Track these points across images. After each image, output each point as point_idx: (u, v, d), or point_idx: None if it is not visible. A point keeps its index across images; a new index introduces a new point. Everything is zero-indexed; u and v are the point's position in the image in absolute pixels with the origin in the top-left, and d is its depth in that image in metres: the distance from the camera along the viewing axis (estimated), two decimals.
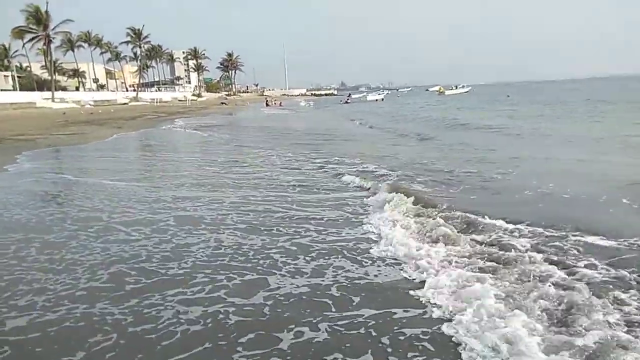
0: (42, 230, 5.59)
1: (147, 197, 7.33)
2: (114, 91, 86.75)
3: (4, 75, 77.92)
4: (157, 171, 10.25)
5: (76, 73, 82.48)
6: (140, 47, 79.91)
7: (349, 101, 70.17)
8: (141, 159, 12.21)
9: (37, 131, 19.92)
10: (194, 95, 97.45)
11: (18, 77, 75.85)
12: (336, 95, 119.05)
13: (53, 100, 52.86)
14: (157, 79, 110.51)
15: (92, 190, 7.95)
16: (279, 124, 27.10)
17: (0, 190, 8.14)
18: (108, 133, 19.51)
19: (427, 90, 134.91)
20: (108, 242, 5.13)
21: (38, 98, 52.67)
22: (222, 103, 71.09)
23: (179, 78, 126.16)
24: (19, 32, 51.87)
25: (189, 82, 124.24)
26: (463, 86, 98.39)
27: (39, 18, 50.52)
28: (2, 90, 68.87)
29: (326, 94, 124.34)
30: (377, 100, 72.71)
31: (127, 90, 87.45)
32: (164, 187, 8.08)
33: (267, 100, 73.21)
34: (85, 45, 77.81)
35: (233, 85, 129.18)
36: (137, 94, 76.00)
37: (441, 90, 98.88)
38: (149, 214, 6.30)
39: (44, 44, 53.16)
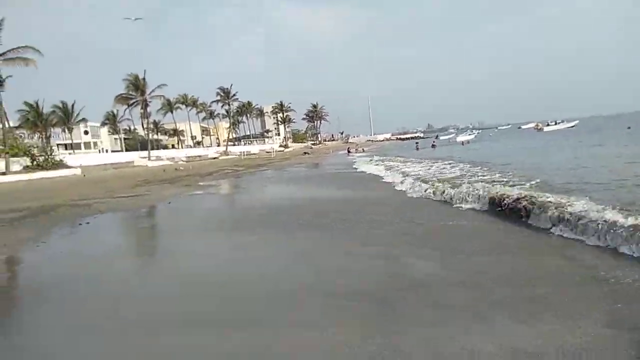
0: None
1: None
2: (209, 147, 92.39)
3: (114, 138, 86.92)
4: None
5: (175, 132, 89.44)
6: (229, 105, 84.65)
7: (435, 144, 63.81)
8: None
9: (108, 193, 20.17)
10: (281, 146, 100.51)
11: (125, 138, 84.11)
12: (422, 137, 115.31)
13: (149, 159, 56.63)
14: (248, 133, 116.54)
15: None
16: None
17: None
18: (170, 194, 19.05)
19: (519, 127, 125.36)
20: None
21: (136, 157, 56.87)
22: (305, 153, 71.61)
23: (268, 131, 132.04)
24: (120, 99, 57.32)
25: (278, 134, 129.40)
26: (562, 121, 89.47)
27: (137, 85, 55.54)
28: (112, 151, 76.60)
29: (412, 137, 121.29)
30: (464, 142, 66.11)
31: (219, 145, 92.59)
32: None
33: (348, 148, 72.50)
34: (183, 106, 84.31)
35: (319, 135, 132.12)
36: (226, 148, 79.80)
37: (539, 127, 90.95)
38: None
39: (141, 107, 57.95)
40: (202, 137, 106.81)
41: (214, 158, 66.97)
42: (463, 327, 4.07)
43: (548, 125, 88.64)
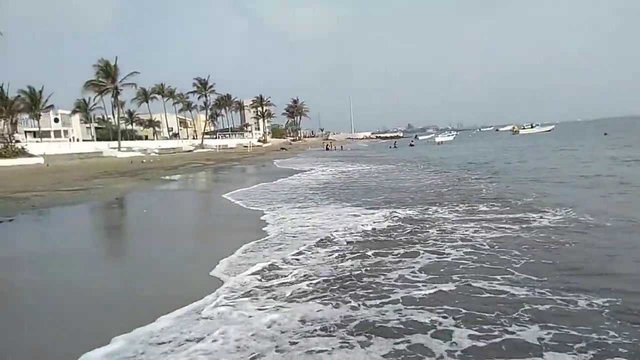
0: None
1: None
2: (185, 139, 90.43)
3: (86, 127, 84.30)
4: None
5: (151, 123, 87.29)
6: (206, 97, 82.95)
7: (413, 144, 66.09)
8: None
9: (54, 185, 18.99)
10: (259, 141, 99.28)
11: (97, 128, 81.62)
12: (402, 137, 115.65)
13: (119, 150, 54.90)
14: (227, 126, 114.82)
15: None
16: None
17: None
18: (123, 188, 18.01)
19: (497, 130, 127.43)
20: None
21: (105, 147, 55.07)
22: (282, 148, 70.70)
23: (247, 125, 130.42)
24: (90, 86, 55.31)
25: (258, 129, 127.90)
26: (538, 125, 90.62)
27: (108, 72, 53.64)
28: (84, 140, 74.19)
29: (391, 137, 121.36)
30: (440, 142, 69.26)
31: (195, 138, 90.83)
32: None
33: (327, 145, 71.89)
34: (159, 96, 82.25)
35: (299, 131, 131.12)
36: (202, 141, 78.22)
37: (515, 130, 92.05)
38: None
39: (112, 95, 56.08)
40: (180, 129, 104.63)
41: (189, 151, 65.46)
42: None
43: (524, 128, 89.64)
